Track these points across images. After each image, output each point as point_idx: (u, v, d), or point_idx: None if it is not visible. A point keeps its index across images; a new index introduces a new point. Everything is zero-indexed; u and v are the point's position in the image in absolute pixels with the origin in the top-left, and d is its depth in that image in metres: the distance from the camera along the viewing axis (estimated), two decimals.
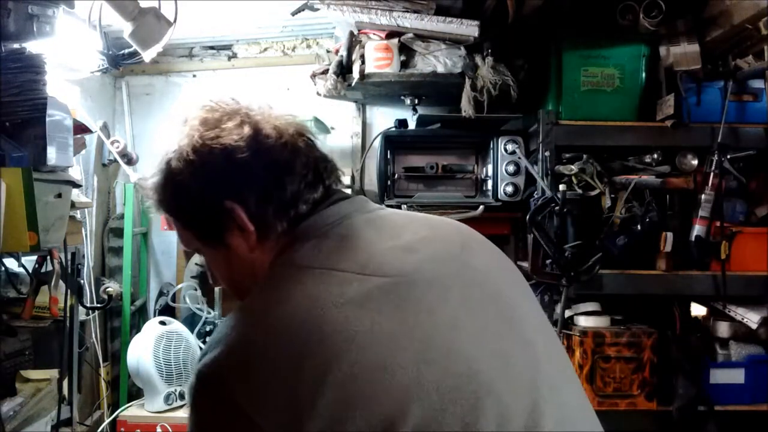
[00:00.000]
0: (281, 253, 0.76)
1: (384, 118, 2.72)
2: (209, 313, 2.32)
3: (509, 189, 2.31)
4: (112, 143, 2.45)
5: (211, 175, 0.76)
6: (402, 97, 2.43)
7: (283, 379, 0.62)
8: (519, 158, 2.29)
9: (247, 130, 0.77)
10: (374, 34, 2.24)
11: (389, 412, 0.61)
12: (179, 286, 2.42)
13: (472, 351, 0.67)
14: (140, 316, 2.61)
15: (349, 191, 2.44)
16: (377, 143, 2.47)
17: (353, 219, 0.78)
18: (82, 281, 2.06)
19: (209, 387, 0.65)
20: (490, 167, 2.37)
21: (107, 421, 2.19)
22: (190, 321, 2.33)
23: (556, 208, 2.00)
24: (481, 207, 2.32)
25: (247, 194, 0.76)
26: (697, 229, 2.06)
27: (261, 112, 0.80)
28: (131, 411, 2.14)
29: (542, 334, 0.77)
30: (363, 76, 2.22)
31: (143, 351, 2.10)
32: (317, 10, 2.21)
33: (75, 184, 1.73)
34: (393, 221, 0.81)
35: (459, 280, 0.74)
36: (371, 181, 2.67)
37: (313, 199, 0.78)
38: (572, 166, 2.07)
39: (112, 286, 2.38)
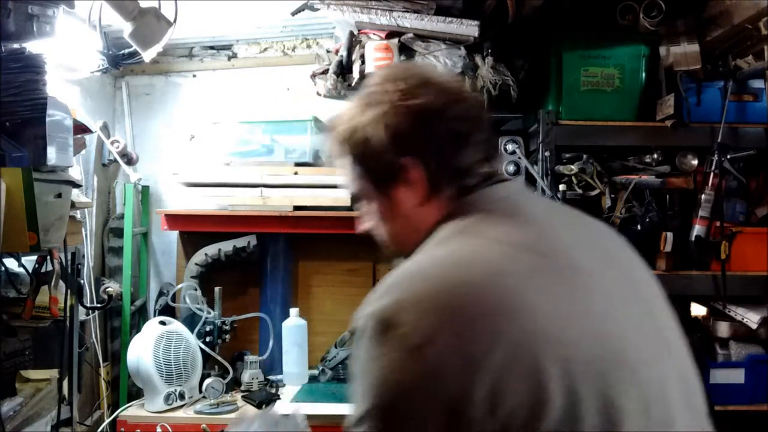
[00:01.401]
0: (450, 217, 0.82)
1: None
2: (209, 313, 2.32)
3: None
4: (112, 143, 2.45)
5: (399, 132, 0.83)
6: None
7: (456, 334, 0.65)
8: (519, 158, 2.29)
9: (440, 98, 0.84)
10: (374, 34, 2.24)
11: (546, 379, 0.64)
12: (179, 286, 2.42)
13: (622, 335, 0.72)
14: (140, 316, 2.61)
15: (348, 192, 2.45)
16: None
17: (518, 198, 0.84)
18: (82, 281, 2.06)
19: (389, 328, 0.67)
20: None
21: (107, 421, 2.19)
22: (190, 321, 2.33)
23: None
24: None
25: (426, 155, 0.83)
26: (697, 229, 2.06)
27: (454, 86, 0.88)
28: (131, 411, 2.14)
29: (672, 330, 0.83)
30: (363, 76, 2.22)
31: (143, 351, 2.10)
32: (317, 10, 2.21)
33: (75, 184, 1.73)
34: (550, 205, 0.90)
35: (614, 269, 0.80)
36: None
37: (483, 173, 0.85)
38: (572, 166, 2.07)
39: (112, 286, 2.38)
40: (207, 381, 2.14)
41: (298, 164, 2.44)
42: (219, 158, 2.52)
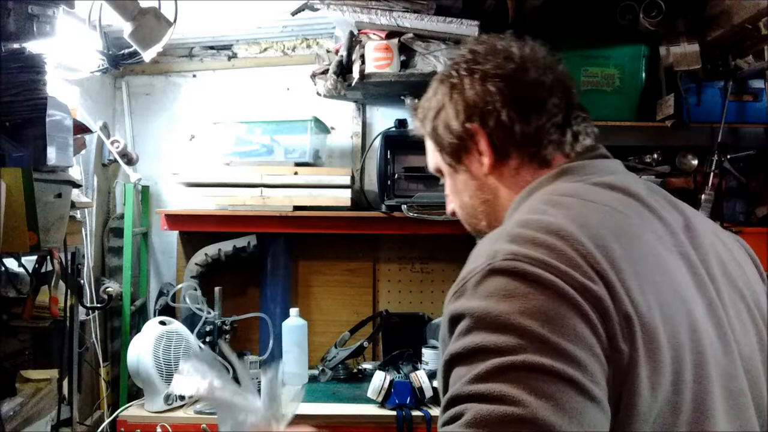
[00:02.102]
0: (540, 186, 0.80)
1: (384, 118, 2.72)
2: (209, 313, 2.32)
3: None
4: (112, 143, 2.44)
5: (465, 100, 0.85)
6: (402, 97, 2.43)
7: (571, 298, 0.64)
8: None
9: (509, 64, 0.84)
10: (374, 34, 2.24)
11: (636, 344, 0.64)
12: (179, 286, 2.42)
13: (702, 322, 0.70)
14: (140, 316, 2.61)
15: (348, 192, 2.46)
16: (377, 143, 2.47)
17: (620, 177, 0.81)
18: (82, 281, 2.06)
19: (521, 272, 0.65)
20: None
21: (107, 421, 2.19)
22: (190, 321, 2.33)
23: None
24: None
25: (489, 120, 0.83)
26: None
27: (531, 56, 0.86)
28: (131, 411, 2.14)
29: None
30: (363, 76, 2.22)
31: (143, 351, 2.10)
32: (317, 10, 2.21)
33: (75, 184, 1.73)
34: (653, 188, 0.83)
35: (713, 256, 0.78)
36: (371, 181, 2.67)
37: (585, 145, 0.83)
38: None
39: (112, 286, 2.38)
40: None
41: (298, 164, 2.44)
42: (219, 158, 2.52)
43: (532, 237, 0.67)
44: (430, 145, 0.94)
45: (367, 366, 2.47)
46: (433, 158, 0.94)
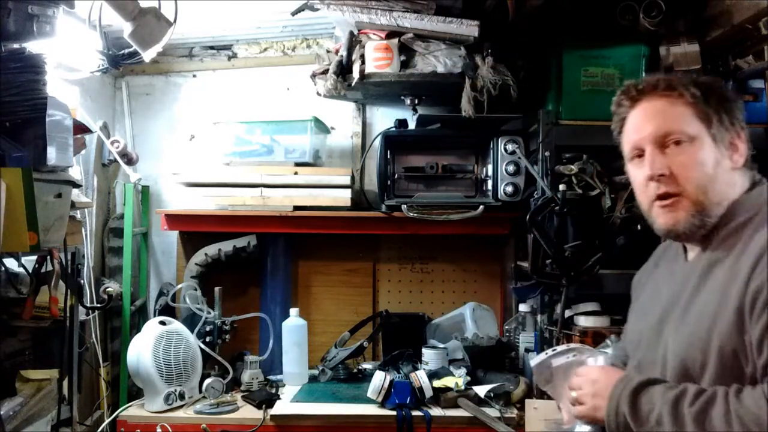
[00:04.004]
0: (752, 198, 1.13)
1: (384, 118, 2.72)
2: (209, 313, 2.32)
3: (509, 189, 2.31)
4: (112, 143, 2.45)
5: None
6: (402, 97, 2.43)
7: None
8: (519, 158, 2.29)
9: None
10: (374, 34, 2.24)
11: None
12: (179, 286, 2.42)
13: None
14: (140, 316, 2.61)
15: (348, 191, 2.46)
16: (377, 143, 2.47)
17: None
18: (82, 281, 2.06)
19: None
20: (490, 167, 2.37)
21: (107, 421, 2.18)
22: (190, 321, 2.33)
23: (556, 208, 2.00)
24: (481, 207, 2.32)
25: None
26: None
27: None
28: (131, 411, 2.13)
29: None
30: (363, 76, 2.22)
31: (143, 351, 2.10)
32: (317, 10, 2.21)
33: (75, 184, 1.73)
34: None
35: None
36: (371, 181, 2.67)
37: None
38: (572, 166, 2.07)
39: (112, 286, 2.38)
40: (207, 381, 2.14)
41: (298, 164, 2.44)
42: (219, 158, 2.52)
43: None
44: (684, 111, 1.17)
45: (367, 366, 2.47)
46: (683, 122, 1.16)
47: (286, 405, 2.11)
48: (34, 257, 1.68)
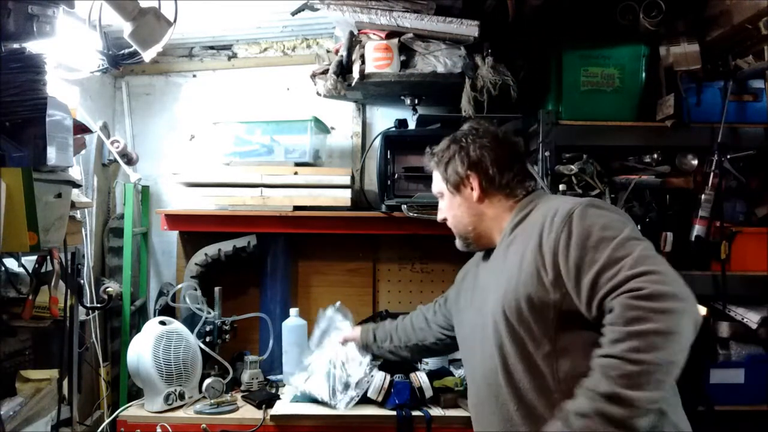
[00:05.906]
0: (521, 207, 1.43)
1: (384, 118, 2.72)
2: (209, 313, 2.32)
3: None
4: (112, 143, 2.45)
5: (468, 155, 1.48)
6: (402, 97, 2.43)
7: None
8: None
9: (494, 142, 1.48)
10: (374, 34, 2.24)
11: None
12: (179, 286, 2.42)
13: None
14: (140, 316, 2.61)
15: (348, 191, 2.47)
16: (377, 143, 2.47)
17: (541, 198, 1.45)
18: (82, 281, 2.06)
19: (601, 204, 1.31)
20: None
21: (107, 421, 2.18)
22: (190, 321, 2.33)
23: None
24: None
25: (482, 171, 1.46)
26: (697, 229, 2.06)
27: (507, 138, 1.52)
28: (131, 411, 2.14)
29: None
30: (363, 76, 2.22)
31: (143, 351, 2.10)
32: (317, 10, 2.21)
33: (75, 184, 1.73)
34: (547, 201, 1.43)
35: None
36: (371, 181, 2.67)
37: (525, 186, 1.47)
38: (572, 166, 2.07)
39: (112, 286, 2.38)
40: (207, 381, 2.14)
41: (298, 164, 2.44)
42: (219, 158, 2.52)
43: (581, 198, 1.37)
44: (437, 177, 1.54)
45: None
46: (438, 186, 1.55)
47: (286, 405, 2.11)
48: (34, 257, 1.68)
